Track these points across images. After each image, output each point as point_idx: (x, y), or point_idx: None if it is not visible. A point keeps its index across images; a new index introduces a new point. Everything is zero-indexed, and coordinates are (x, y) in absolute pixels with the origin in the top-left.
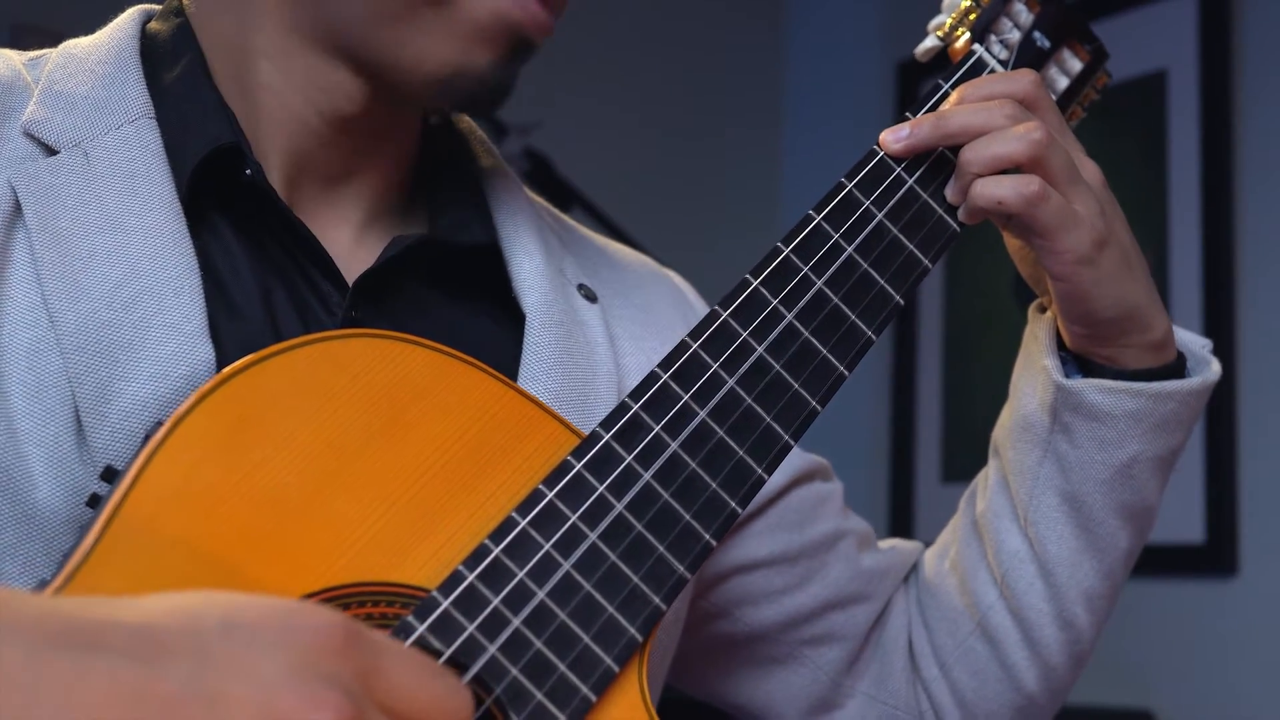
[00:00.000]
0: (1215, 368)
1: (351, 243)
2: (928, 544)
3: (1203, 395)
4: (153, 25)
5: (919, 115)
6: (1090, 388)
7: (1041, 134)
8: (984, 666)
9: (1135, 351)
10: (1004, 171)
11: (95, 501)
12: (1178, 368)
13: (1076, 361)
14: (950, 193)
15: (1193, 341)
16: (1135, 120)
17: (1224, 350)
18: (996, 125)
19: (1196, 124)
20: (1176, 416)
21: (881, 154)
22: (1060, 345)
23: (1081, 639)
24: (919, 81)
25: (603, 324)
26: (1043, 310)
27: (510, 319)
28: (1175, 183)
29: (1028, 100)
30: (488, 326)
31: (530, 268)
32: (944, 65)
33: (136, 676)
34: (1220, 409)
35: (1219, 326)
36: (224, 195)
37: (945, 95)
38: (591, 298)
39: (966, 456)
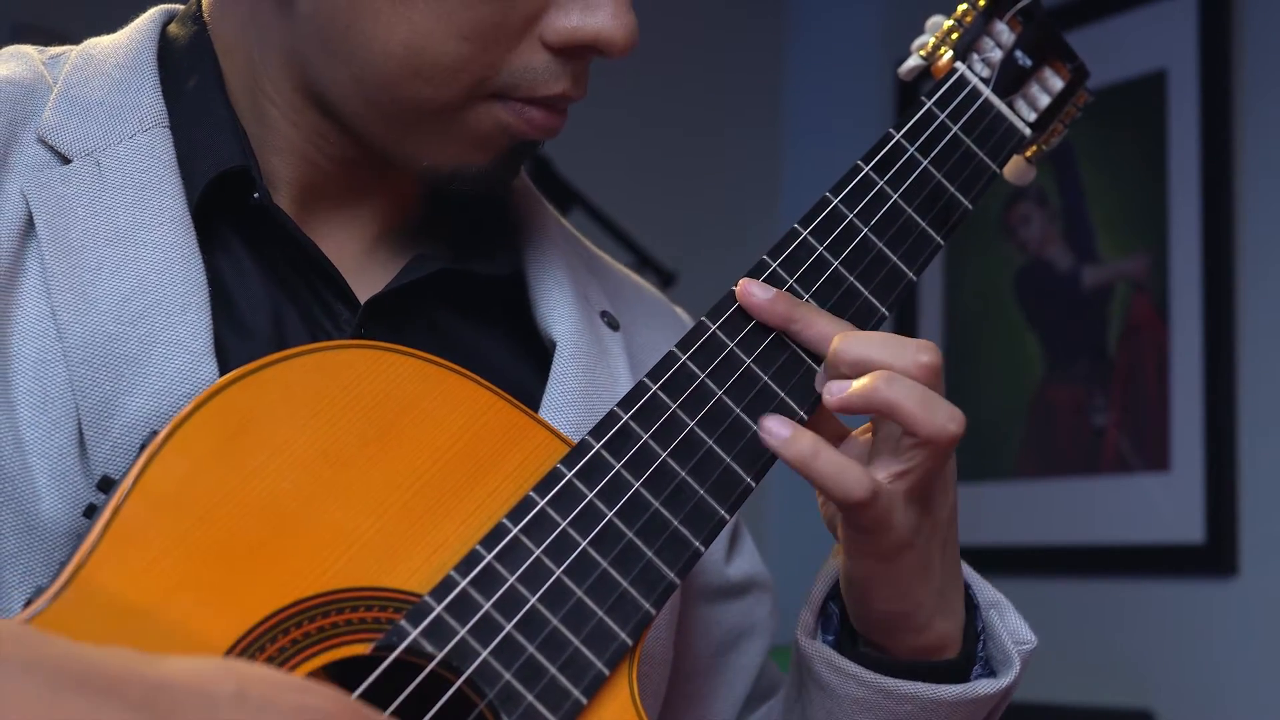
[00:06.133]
0: (1002, 682)
1: (362, 257)
2: None
3: (959, 707)
4: (172, 28)
5: (780, 292)
6: (819, 659)
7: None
8: None
9: (904, 648)
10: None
11: (91, 512)
12: (958, 668)
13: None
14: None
15: (1011, 636)
16: (1135, 120)
17: (1224, 350)
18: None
19: (1196, 124)
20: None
21: (898, 137)
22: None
23: None
24: (918, 84)
25: (624, 353)
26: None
27: (528, 346)
28: (1175, 183)
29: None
30: (505, 353)
31: (560, 297)
32: (927, 81)
33: None
34: (1220, 409)
35: (1219, 326)
36: (236, 213)
37: (930, 114)
38: (614, 325)
39: (966, 456)
